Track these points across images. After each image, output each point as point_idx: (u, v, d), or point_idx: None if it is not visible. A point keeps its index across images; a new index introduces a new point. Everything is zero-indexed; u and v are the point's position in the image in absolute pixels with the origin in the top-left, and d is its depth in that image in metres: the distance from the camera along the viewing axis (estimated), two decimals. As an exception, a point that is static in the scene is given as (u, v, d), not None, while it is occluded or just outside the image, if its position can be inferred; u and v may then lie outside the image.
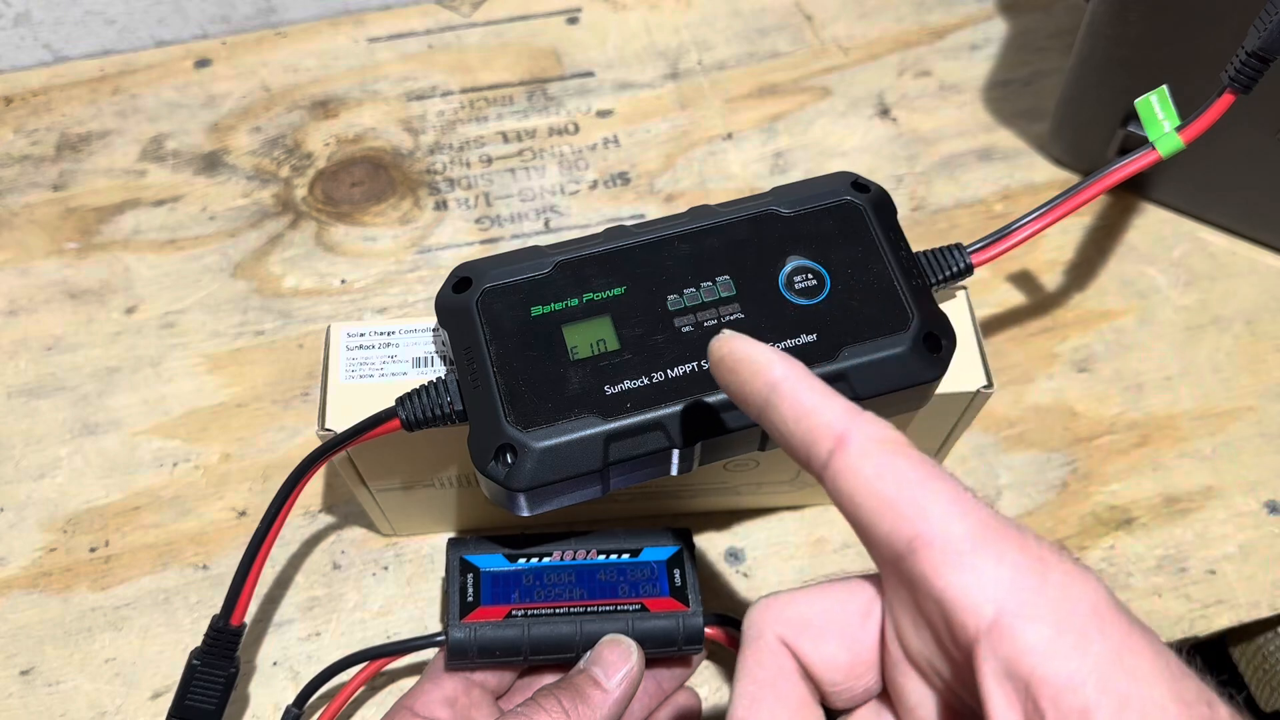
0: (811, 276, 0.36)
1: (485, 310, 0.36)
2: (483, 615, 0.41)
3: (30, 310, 0.56)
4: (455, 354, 0.36)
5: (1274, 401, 0.53)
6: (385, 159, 0.62)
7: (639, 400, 0.34)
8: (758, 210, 0.38)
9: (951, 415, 0.41)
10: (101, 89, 0.64)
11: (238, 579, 0.39)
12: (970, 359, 0.39)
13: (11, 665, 0.46)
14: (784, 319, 0.35)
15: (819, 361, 0.35)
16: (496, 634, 0.40)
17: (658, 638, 0.41)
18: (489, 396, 0.34)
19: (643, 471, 0.35)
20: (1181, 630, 0.47)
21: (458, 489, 0.44)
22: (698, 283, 0.36)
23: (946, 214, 0.59)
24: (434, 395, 0.35)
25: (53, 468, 0.51)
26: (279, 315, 0.56)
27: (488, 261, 0.37)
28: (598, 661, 0.39)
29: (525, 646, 0.41)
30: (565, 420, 0.34)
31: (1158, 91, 0.39)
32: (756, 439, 0.35)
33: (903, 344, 0.35)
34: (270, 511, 0.38)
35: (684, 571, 0.43)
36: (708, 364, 0.33)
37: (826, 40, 0.67)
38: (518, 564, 0.42)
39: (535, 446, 0.33)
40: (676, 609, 0.42)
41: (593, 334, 0.35)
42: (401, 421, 0.36)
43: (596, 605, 0.42)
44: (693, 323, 0.35)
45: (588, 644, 0.41)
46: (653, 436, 0.34)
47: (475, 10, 0.68)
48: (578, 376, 0.34)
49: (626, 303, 0.36)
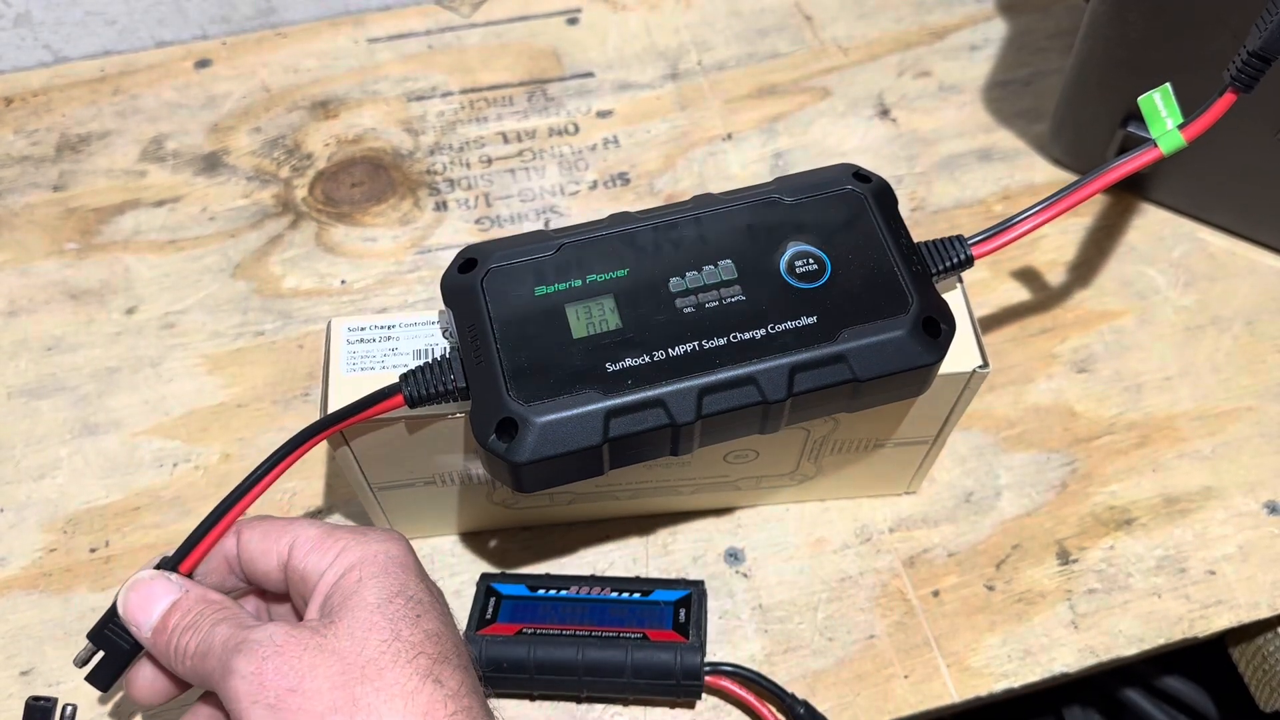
0: (812, 261, 0.37)
1: (490, 289, 0.36)
2: (496, 630, 0.43)
3: (30, 310, 0.56)
4: (459, 331, 0.36)
5: (1273, 401, 0.53)
6: (385, 159, 0.62)
7: (640, 377, 0.34)
8: (760, 198, 0.38)
9: (949, 398, 0.41)
10: (102, 89, 0.64)
11: (202, 528, 0.36)
12: (965, 341, 0.40)
13: (11, 665, 0.46)
14: (784, 301, 0.36)
15: (818, 343, 0.35)
16: (505, 650, 0.43)
17: (655, 668, 0.42)
18: (491, 372, 0.35)
19: (643, 449, 0.35)
20: (1181, 631, 0.47)
21: (459, 486, 0.44)
22: (700, 266, 0.37)
23: (946, 214, 0.60)
24: (437, 372, 0.36)
25: (53, 468, 0.51)
26: (279, 316, 0.56)
27: (493, 244, 0.38)
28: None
29: (530, 665, 0.43)
30: (566, 395, 0.34)
31: (1161, 89, 0.39)
32: (757, 420, 0.36)
33: (902, 327, 0.36)
34: (258, 471, 0.36)
35: (690, 611, 0.44)
36: (709, 343, 0.35)
37: (826, 40, 0.67)
38: (537, 593, 0.45)
39: (536, 420, 0.34)
40: (677, 640, 0.43)
41: (595, 313, 0.36)
42: (405, 398, 0.36)
43: (600, 632, 0.43)
44: (694, 304, 0.36)
45: (588, 668, 0.42)
46: (653, 413, 0.34)
47: (475, 11, 0.68)
48: (580, 354, 0.35)
49: (629, 284, 0.36)
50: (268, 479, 0.36)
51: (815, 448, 0.44)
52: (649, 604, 0.44)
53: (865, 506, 0.50)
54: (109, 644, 0.36)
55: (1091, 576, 0.48)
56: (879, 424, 0.43)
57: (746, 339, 0.35)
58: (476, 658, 0.43)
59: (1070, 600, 0.48)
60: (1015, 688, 0.46)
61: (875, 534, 0.49)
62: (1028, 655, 0.47)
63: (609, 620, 0.44)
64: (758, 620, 0.47)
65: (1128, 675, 0.63)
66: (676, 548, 0.49)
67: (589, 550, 0.49)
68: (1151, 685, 0.63)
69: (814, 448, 0.44)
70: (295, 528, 0.35)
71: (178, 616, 0.34)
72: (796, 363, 0.35)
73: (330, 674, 0.31)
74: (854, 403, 0.37)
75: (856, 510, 0.50)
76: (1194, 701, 0.62)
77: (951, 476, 0.51)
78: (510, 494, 0.45)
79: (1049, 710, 0.65)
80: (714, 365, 0.35)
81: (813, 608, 0.48)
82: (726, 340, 0.35)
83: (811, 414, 0.37)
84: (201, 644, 0.33)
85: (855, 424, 0.42)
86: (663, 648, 0.43)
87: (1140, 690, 0.63)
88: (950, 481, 0.51)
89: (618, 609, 0.44)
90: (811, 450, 0.45)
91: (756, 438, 0.41)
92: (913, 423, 0.43)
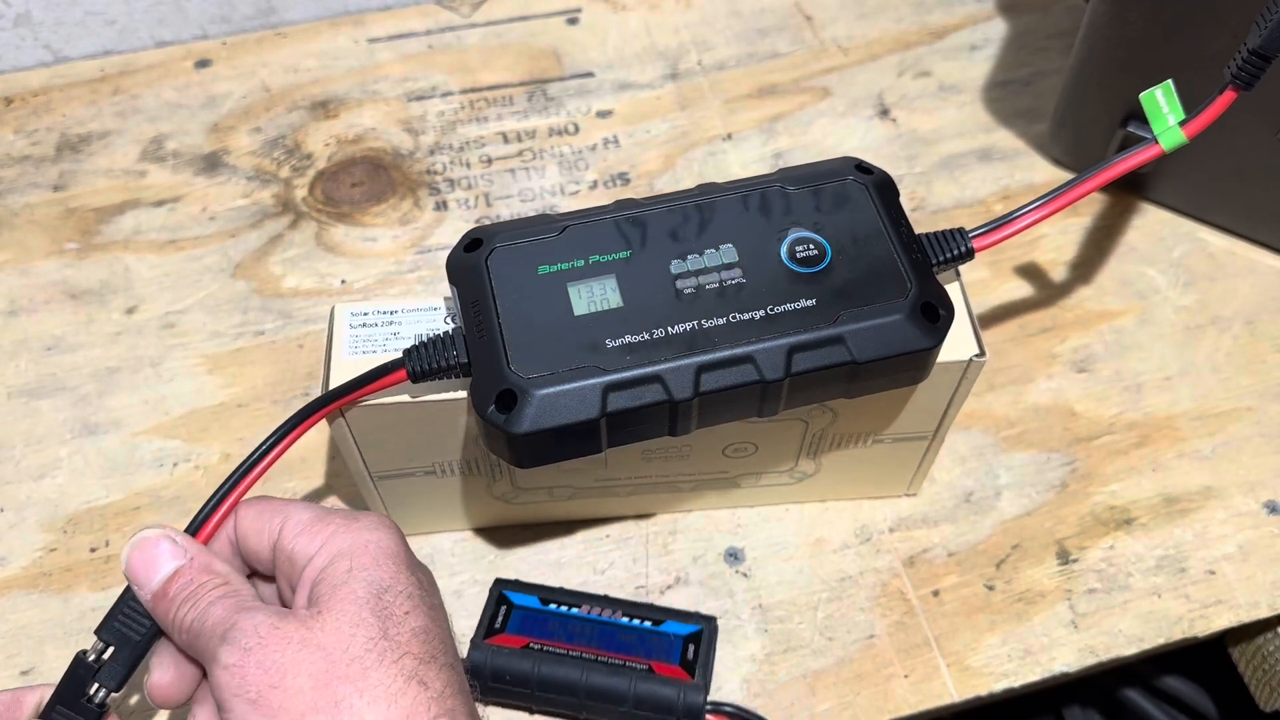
0: (813, 247, 0.37)
1: (494, 268, 0.37)
2: (504, 641, 0.44)
3: (30, 310, 0.56)
4: (462, 308, 0.36)
5: (1273, 401, 0.53)
6: (385, 159, 0.62)
7: (639, 354, 0.35)
8: (763, 186, 0.39)
9: (947, 388, 0.42)
10: (102, 89, 0.64)
11: (208, 506, 0.36)
12: (962, 330, 0.40)
13: (11, 665, 0.46)
14: (784, 285, 0.36)
15: (817, 325, 0.35)
16: (510, 662, 0.43)
17: (657, 702, 0.43)
18: (493, 346, 0.35)
19: (641, 426, 0.36)
20: (1181, 630, 0.47)
21: (460, 477, 0.44)
22: (701, 249, 0.37)
23: (946, 214, 0.60)
24: (440, 347, 0.36)
25: (53, 468, 0.51)
26: (279, 315, 0.56)
27: (499, 225, 0.38)
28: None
29: (534, 681, 0.43)
30: (566, 370, 0.34)
31: (1163, 85, 0.39)
32: (755, 400, 0.36)
33: (900, 311, 0.36)
34: (263, 447, 0.36)
35: (699, 648, 0.44)
36: (708, 322, 0.35)
37: (826, 40, 0.67)
38: (549, 607, 0.45)
39: (535, 393, 0.34)
40: (681, 678, 0.43)
41: (597, 292, 0.36)
42: (408, 373, 0.36)
43: (607, 657, 0.43)
44: (695, 285, 0.36)
45: (590, 692, 0.43)
46: (651, 389, 0.34)
47: (475, 11, 0.68)
48: (581, 330, 0.35)
49: (631, 265, 0.37)
50: (274, 452, 0.36)
51: (814, 442, 0.44)
52: (659, 634, 0.44)
53: (865, 506, 0.50)
54: (119, 636, 0.35)
55: (1091, 576, 0.48)
56: (877, 417, 0.43)
57: (745, 319, 0.35)
58: (482, 666, 0.43)
59: (1070, 600, 0.48)
60: (1015, 687, 0.46)
61: (875, 534, 0.49)
62: (1028, 655, 0.47)
63: (617, 646, 0.44)
64: (758, 620, 0.47)
65: (1128, 675, 0.63)
66: (676, 547, 0.49)
67: (589, 549, 0.49)
68: (1151, 685, 0.62)
69: (813, 441, 0.44)
70: (288, 509, 0.35)
71: (178, 585, 0.34)
72: (795, 343, 0.35)
73: (313, 671, 0.31)
74: (852, 387, 0.37)
75: (856, 510, 0.50)
76: (1194, 701, 0.62)
77: (951, 476, 0.51)
78: (510, 489, 0.45)
79: (1049, 710, 0.65)
80: (713, 344, 0.35)
81: (813, 607, 0.48)
82: (726, 320, 0.35)
83: (810, 397, 0.37)
84: (196, 621, 0.33)
85: (853, 417, 0.43)
86: (667, 683, 0.43)
87: (1140, 690, 0.63)
88: (950, 481, 0.51)
89: (627, 635, 0.44)
90: (810, 444, 0.45)
91: (755, 430, 0.41)
92: (911, 416, 0.43)
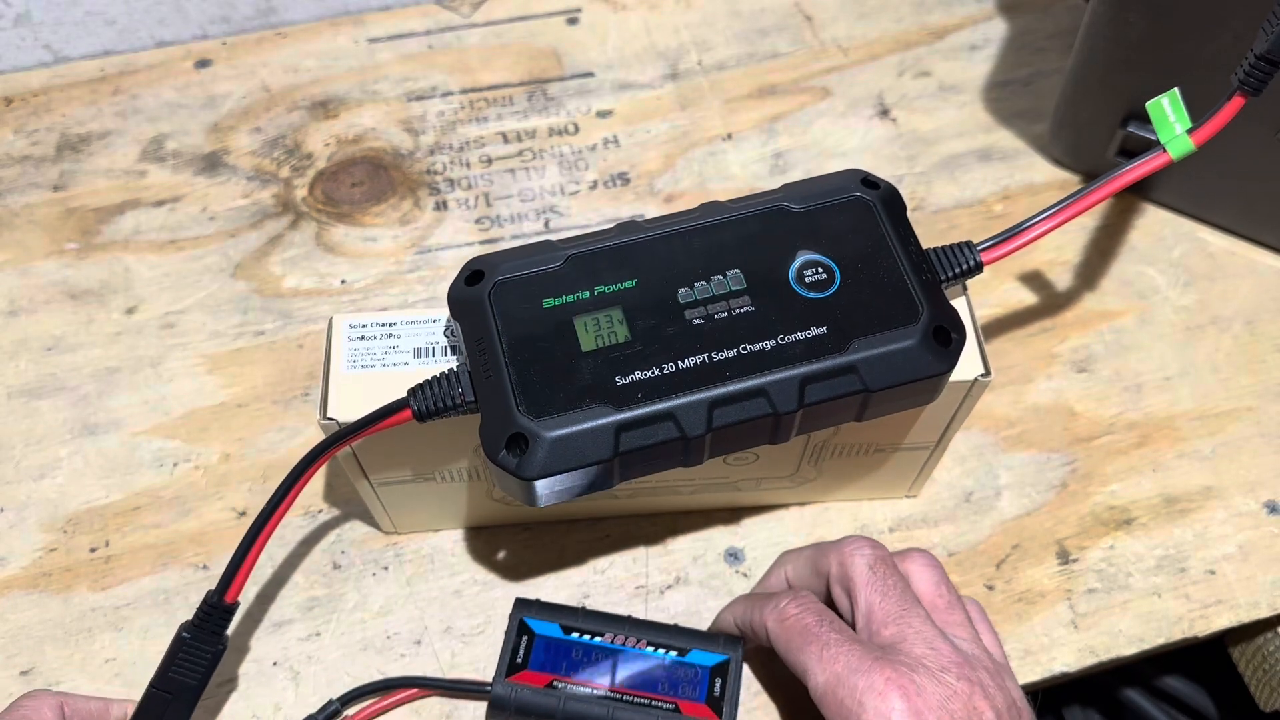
0: (821, 270, 0.37)
1: (497, 302, 0.36)
2: (526, 679, 0.43)
3: (30, 310, 0.56)
4: (467, 345, 0.36)
5: (1273, 401, 0.53)
6: (385, 159, 0.62)
7: (650, 390, 0.34)
8: (768, 206, 0.38)
9: (950, 405, 0.41)
10: (101, 89, 0.64)
11: (238, 556, 0.38)
12: (969, 349, 0.39)
13: (11, 665, 0.46)
14: (794, 312, 0.36)
15: (828, 354, 0.35)
16: (534, 699, 0.42)
17: None
18: (501, 387, 0.34)
19: (653, 462, 0.35)
20: (1181, 630, 0.47)
21: (465, 482, 0.44)
22: (708, 276, 0.36)
23: (946, 214, 0.60)
24: (446, 386, 0.36)
25: (53, 468, 0.51)
26: (279, 315, 0.56)
27: (500, 255, 0.37)
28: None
29: (558, 718, 0.42)
30: (577, 410, 0.34)
31: (1169, 94, 0.39)
32: (767, 431, 0.36)
33: (912, 337, 0.35)
34: (277, 494, 0.38)
35: (726, 683, 0.43)
36: (719, 355, 0.35)
37: (826, 41, 0.67)
38: (570, 636, 0.44)
39: (547, 436, 0.33)
40: (709, 718, 0.42)
41: (604, 325, 0.35)
42: (413, 412, 0.36)
43: (632, 695, 0.43)
44: (703, 315, 0.36)
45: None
46: (664, 426, 0.34)
47: (475, 10, 0.68)
48: (589, 367, 0.35)
49: (637, 295, 0.36)
50: (289, 498, 0.38)
51: (816, 452, 0.44)
52: (685, 666, 0.44)
53: (865, 506, 0.50)
54: (176, 686, 0.37)
55: (1091, 576, 0.48)
56: (880, 430, 0.43)
57: (756, 350, 0.35)
58: (505, 703, 0.42)
59: (1070, 600, 0.48)
60: (1015, 687, 0.46)
61: (875, 534, 0.49)
62: (1028, 655, 0.47)
63: (642, 682, 0.43)
64: (758, 620, 0.47)
65: (1128, 675, 0.63)
66: (676, 547, 0.49)
67: (589, 549, 0.49)
68: (1151, 685, 0.63)
69: (814, 452, 0.44)
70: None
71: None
72: (807, 374, 0.35)
73: None
74: (864, 412, 0.36)
75: (856, 510, 0.50)
76: (1194, 701, 0.62)
77: (951, 476, 0.51)
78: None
79: (1049, 710, 0.65)
80: (724, 377, 0.34)
81: (813, 607, 0.48)
82: (736, 352, 0.35)
83: (821, 424, 0.37)
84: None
85: (857, 429, 0.42)
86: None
87: (1140, 690, 0.63)
88: (950, 481, 0.51)
89: (652, 667, 0.44)
90: (812, 454, 0.45)
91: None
92: (914, 430, 0.43)
